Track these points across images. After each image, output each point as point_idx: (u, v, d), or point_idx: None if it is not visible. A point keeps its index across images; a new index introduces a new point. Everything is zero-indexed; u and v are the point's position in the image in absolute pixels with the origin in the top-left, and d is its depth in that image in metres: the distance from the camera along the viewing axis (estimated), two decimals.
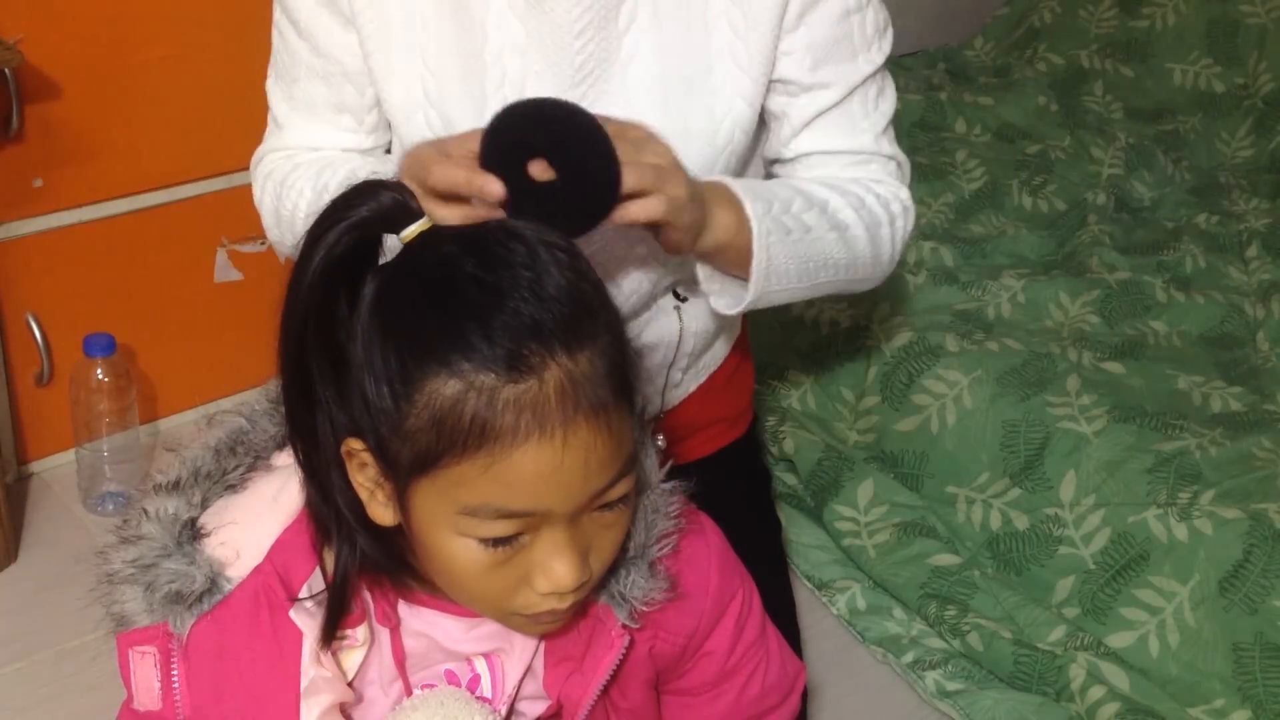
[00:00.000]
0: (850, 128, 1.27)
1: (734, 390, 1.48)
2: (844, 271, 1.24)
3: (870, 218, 1.25)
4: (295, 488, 0.92)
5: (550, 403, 0.79)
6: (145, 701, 0.91)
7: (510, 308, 0.79)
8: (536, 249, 0.82)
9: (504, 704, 0.97)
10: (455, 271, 0.81)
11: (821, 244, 1.20)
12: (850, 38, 1.23)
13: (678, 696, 1.07)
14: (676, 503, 0.98)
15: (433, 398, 0.79)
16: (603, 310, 0.84)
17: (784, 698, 1.11)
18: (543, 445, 0.79)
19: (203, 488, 0.93)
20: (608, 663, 0.96)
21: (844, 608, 1.66)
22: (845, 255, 1.23)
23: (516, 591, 0.86)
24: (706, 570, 1.01)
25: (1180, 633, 1.53)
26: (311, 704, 0.89)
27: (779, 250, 1.14)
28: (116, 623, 0.90)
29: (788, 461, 1.85)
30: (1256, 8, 2.69)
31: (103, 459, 1.79)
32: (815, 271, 1.20)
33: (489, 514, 0.81)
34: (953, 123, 2.54)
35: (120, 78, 1.74)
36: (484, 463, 0.79)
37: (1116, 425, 1.70)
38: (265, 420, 0.98)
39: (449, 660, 0.96)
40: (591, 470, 0.82)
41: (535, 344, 0.79)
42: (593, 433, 0.81)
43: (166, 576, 0.88)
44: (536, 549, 0.84)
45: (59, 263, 1.78)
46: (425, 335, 0.80)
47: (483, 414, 0.78)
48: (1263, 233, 2.27)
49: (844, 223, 1.23)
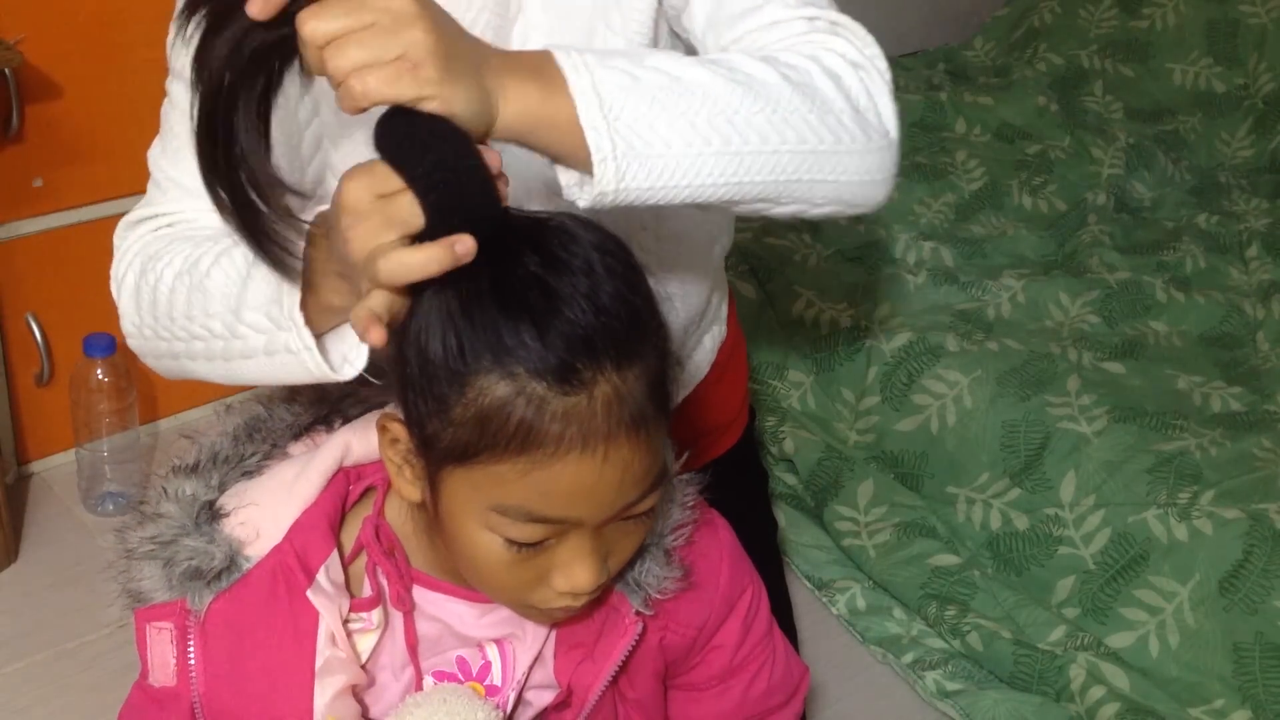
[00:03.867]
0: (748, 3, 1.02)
1: (720, 399, 1.44)
2: (774, 136, 0.91)
3: (786, 68, 0.94)
4: (313, 472, 0.93)
5: (596, 418, 0.79)
6: (160, 678, 0.91)
7: (567, 316, 0.79)
8: (592, 254, 0.82)
9: (513, 690, 0.97)
10: (519, 269, 0.80)
11: (707, 94, 0.88)
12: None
13: (684, 691, 1.08)
14: (691, 493, 0.98)
15: (482, 393, 0.79)
16: (652, 323, 0.84)
17: (788, 698, 1.11)
18: (584, 459, 0.80)
19: (220, 472, 0.94)
20: (620, 650, 0.96)
21: (844, 608, 1.66)
22: (758, 110, 0.90)
23: (534, 588, 0.87)
24: (718, 563, 1.02)
25: (1180, 633, 1.53)
26: (326, 684, 0.90)
27: (623, 100, 0.85)
28: (133, 599, 0.91)
29: (788, 461, 1.85)
30: (1256, 8, 2.69)
31: (103, 459, 1.79)
32: (713, 134, 0.88)
33: (520, 516, 0.82)
34: (953, 123, 2.54)
35: (120, 78, 1.74)
36: (524, 467, 0.80)
37: (1116, 425, 1.70)
38: (282, 408, 0.98)
39: (461, 646, 0.96)
40: (627, 485, 0.82)
41: (588, 357, 0.79)
42: (632, 449, 0.81)
43: (185, 553, 0.89)
44: (559, 551, 0.85)
45: (59, 263, 1.78)
46: (485, 332, 0.79)
47: (529, 421, 0.78)
48: (1263, 233, 2.27)
49: (741, 69, 0.92)
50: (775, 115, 0.90)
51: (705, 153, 0.88)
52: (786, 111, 0.91)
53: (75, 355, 1.77)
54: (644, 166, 0.85)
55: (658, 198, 0.88)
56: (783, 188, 0.92)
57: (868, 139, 0.95)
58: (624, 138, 0.84)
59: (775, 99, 0.91)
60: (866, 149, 0.95)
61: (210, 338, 0.99)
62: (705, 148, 0.87)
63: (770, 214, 0.96)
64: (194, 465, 0.94)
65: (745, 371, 1.50)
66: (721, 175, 0.89)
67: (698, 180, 0.88)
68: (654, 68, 0.88)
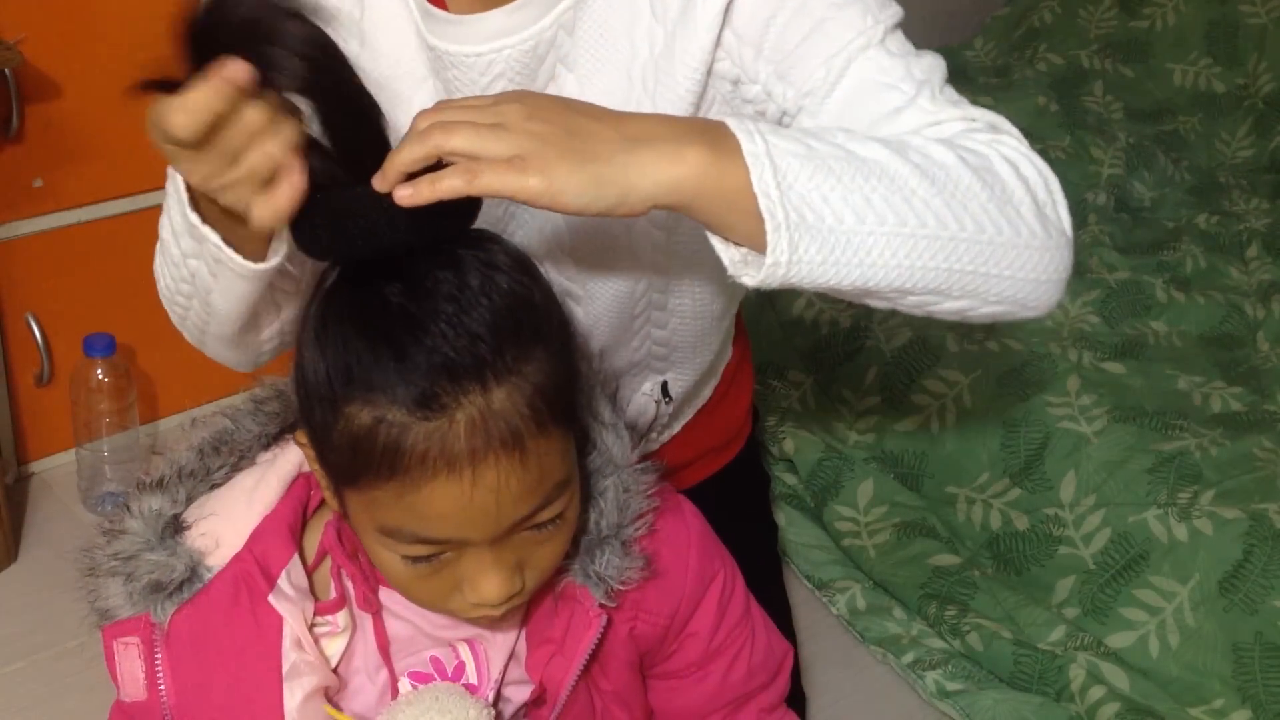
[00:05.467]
0: (878, 109, 0.95)
1: (722, 420, 1.43)
2: (952, 222, 0.85)
3: (966, 152, 0.89)
4: (272, 479, 0.94)
5: (459, 441, 0.79)
6: (131, 692, 0.92)
7: (427, 344, 0.79)
8: (468, 275, 0.82)
9: (490, 690, 0.98)
10: (382, 299, 0.81)
11: (884, 171, 0.84)
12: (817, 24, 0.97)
13: (664, 679, 1.08)
14: (650, 482, 0.98)
15: (350, 420, 0.81)
16: (534, 338, 0.83)
17: (772, 677, 1.11)
18: (450, 482, 0.80)
19: (187, 486, 0.95)
20: (586, 643, 0.97)
21: (844, 608, 1.66)
22: (936, 192, 0.85)
23: (449, 597, 0.88)
24: (685, 550, 1.02)
25: (1180, 633, 1.53)
26: (294, 687, 0.91)
27: (798, 168, 0.82)
28: (101, 616, 0.92)
29: (788, 461, 1.85)
30: (1256, 8, 2.69)
31: (103, 459, 1.79)
32: (889, 213, 0.83)
33: (405, 537, 0.83)
34: None
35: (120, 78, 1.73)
36: (396, 491, 0.81)
37: (1116, 425, 1.70)
38: (249, 420, 0.99)
39: (434, 646, 0.97)
40: (505, 504, 0.82)
41: (448, 382, 0.79)
42: (506, 469, 0.81)
43: (146, 568, 0.90)
44: (462, 564, 0.86)
45: (59, 263, 1.78)
46: (347, 362, 0.81)
47: (392, 447, 0.80)
48: (1263, 233, 2.27)
49: (918, 149, 0.87)
50: (954, 200, 0.86)
51: (879, 231, 0.83)
52: (966, 197, 0.86)
53: (75, 355, 1.77)
54: (815, 240, 0.82)
55: (829, 276, 0.83)
56: (956, 278, 0.87)
57: (1047, 234, 0.90)
58: (796, 208, 0.81)
59: (955, 182, 0.86)
60: (1045, 245, 0.90)
61: (189, 292, 1.00)
62: (879, 226, 0.83)
63: (936, 309, 0.90)
64: (159, 481, 0.94)
65: (750, 386, 1.49)
66: (894, 257, 0.84)
67: (869, 259, 0.84)
68: (829, 140, 0.85)
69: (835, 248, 0.82)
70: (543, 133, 0.80)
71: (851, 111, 0.96)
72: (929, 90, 0.96)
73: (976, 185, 0.87)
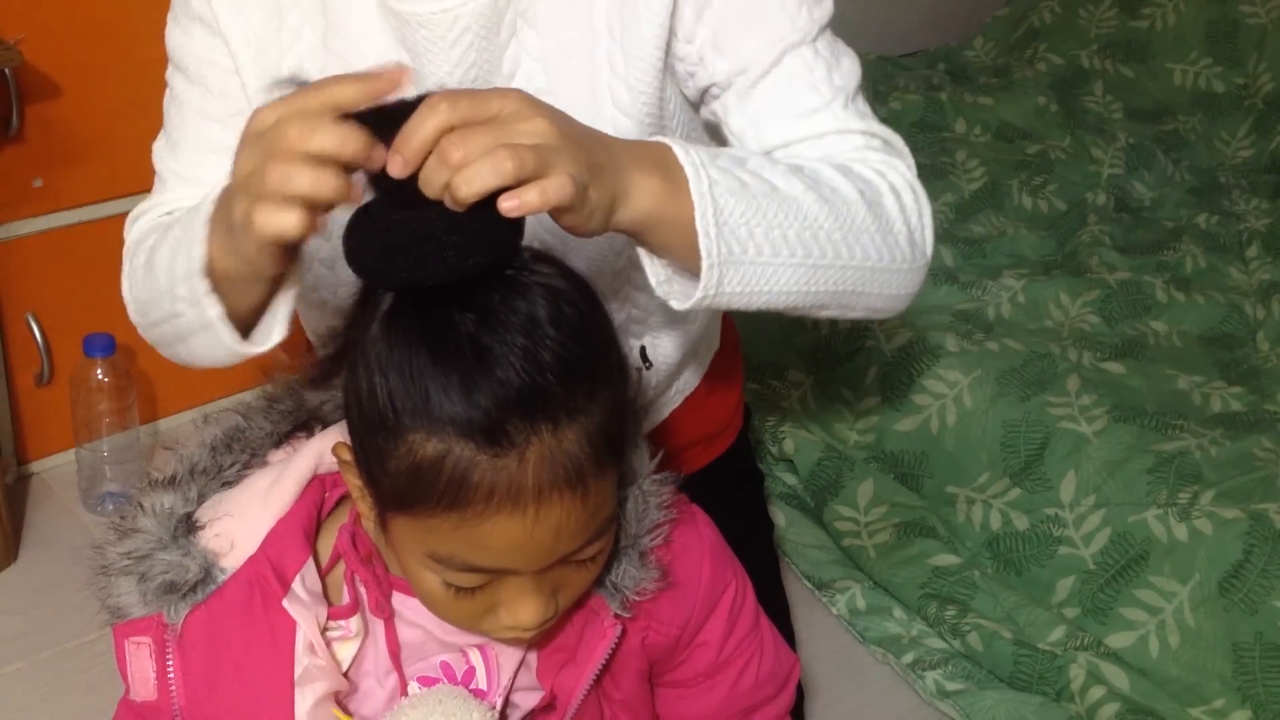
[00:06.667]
0: (796, 106, 1.05)
1: (710, 411, 1.43)
2: (845, 252, 0.96)
3: (863, 184, 0.99)
4: (288, 481, 0.93)
5: (527, 479, 0.79)
6: (141, 692, 0.91)
7: (499, 377, 0.78)
8: (538, 308, 0.80)
9: (499, 696, 0.97)
10: (451, 326, 0.79)
11: (799, 208, 0.93)
12: (758, 7, 1.04)
13: (672, 688, 1.08)
14: (667, 493, 0.98)
15: (413, 450, 0.79)
16: (603, 375, 0.83)
17: (779, 690, 1.11)
18: (514, 518, 0.80)
19: (199, 484, 0.94)
20: (600, 653, 0.96)
21: (844, 608, 1.66)
22: (837, 226, 0.95)
23: (482, 619, 0.88)
24: (699, 560, 1.01)
25: (1180, 633, 1.53)
26: (305, 692, 0.90)
27: (732, 205, 0.89)
28: (112, 615, 0.91)
29: (788, 461, 1.85)
30: (1256, 8, 2.70)
31: (103, 459, 1.79)
32: (798, 246, 0.93)
33: (455, 565, 0.83)
34: (953, 123, 2.54)
35: (120, 78, 1.74)
36: (455, 522, 0.80)
37: (1116, 425, 1.70)
38: (261, 417, 0.98)
39: (444, 651, 0.97)
40: (562, 540, 0.83)
41: (519, 419, 0.78)
42: (567, 507, 0.81)
43: (160, 567, 0.89)
44: (503, 590, 0.86)
45: (59, 263, 1.78)
46: (415, 389, 0.79)
47: (458, 481, 0.79)
48: (1263, 233, 2.28)
49: (826, 183, 0.97)
50: (850, 233, 0.96)
51: (789, 263, 0.93)
52: (859, 230, 0.97)
53: (75, 355, 1.77)
54: (738, 273, 0.91)
55: (739, 303, 0.93)
56: (837, 297, 0.99)
57: (913, 259, 1.03)
58: (727, 244, 0.89)
59: (852, 217, 0.96)
60: (911, 268, 1.03)
61: (167, 319, 1.00)
62: (790, 259, 0.93)
63: (810, 315, 1.01)
64: (171, 478, 0.93)
65: (740, 379, 1.49)
66: (795, 284, 0.95)
67: (775, 288, 0.94)
68: (755, 173, 0.92)
69: (752, 280, 0.92)
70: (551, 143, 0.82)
71: (773, 103, 1.05)
72: (843, 98, 1.06)
73: (869, 219, 0.98)
